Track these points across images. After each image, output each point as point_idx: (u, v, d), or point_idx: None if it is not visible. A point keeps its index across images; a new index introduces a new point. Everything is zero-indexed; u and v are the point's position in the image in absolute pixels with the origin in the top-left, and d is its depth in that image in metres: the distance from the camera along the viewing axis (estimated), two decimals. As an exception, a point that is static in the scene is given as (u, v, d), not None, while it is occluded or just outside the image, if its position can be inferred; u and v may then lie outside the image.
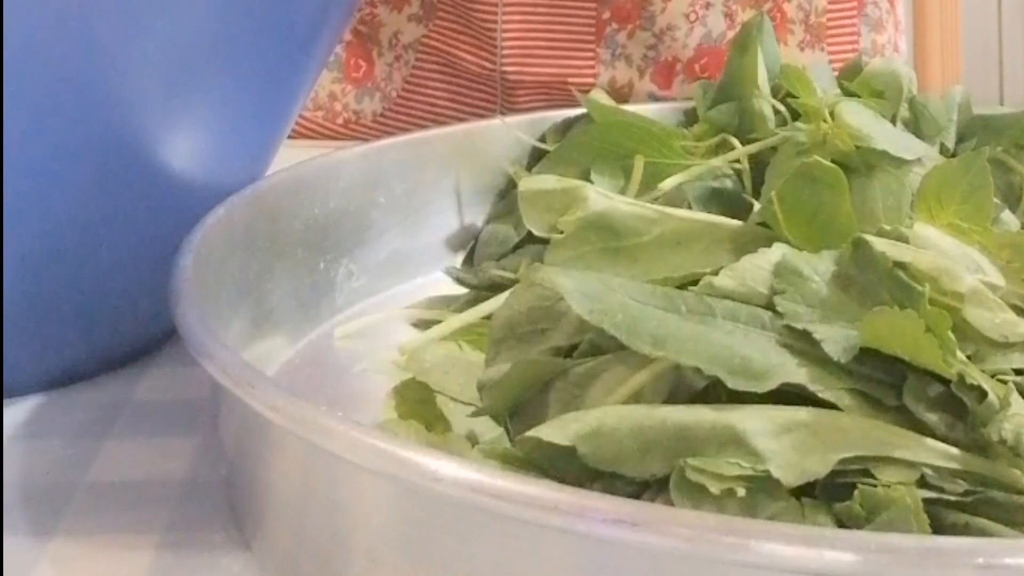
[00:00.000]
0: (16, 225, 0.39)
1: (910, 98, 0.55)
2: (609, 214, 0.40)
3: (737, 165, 0.51)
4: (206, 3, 0.38)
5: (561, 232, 0.40)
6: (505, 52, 0.77)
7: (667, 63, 0.78)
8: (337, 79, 0.81)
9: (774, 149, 0.50)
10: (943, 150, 0.54)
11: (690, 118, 0.60)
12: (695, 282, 0.35)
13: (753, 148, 0.51)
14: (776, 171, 0.48)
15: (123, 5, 0.36)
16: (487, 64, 0.78)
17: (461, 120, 0.77)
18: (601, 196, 0.41)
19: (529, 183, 0.43)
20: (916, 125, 0.55)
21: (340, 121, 0.81)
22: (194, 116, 0.41)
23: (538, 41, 0.77)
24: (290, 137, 0.50)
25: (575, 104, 0.60)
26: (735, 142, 0.52)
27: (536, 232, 0.43)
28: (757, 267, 0.35)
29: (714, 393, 0.32)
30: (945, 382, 0.31)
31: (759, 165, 0.50)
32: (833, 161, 0.41)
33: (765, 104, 0.54)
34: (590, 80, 0.77)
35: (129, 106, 0.38)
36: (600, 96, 0.58)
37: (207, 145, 0.42)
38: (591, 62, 0.77)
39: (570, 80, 0.76)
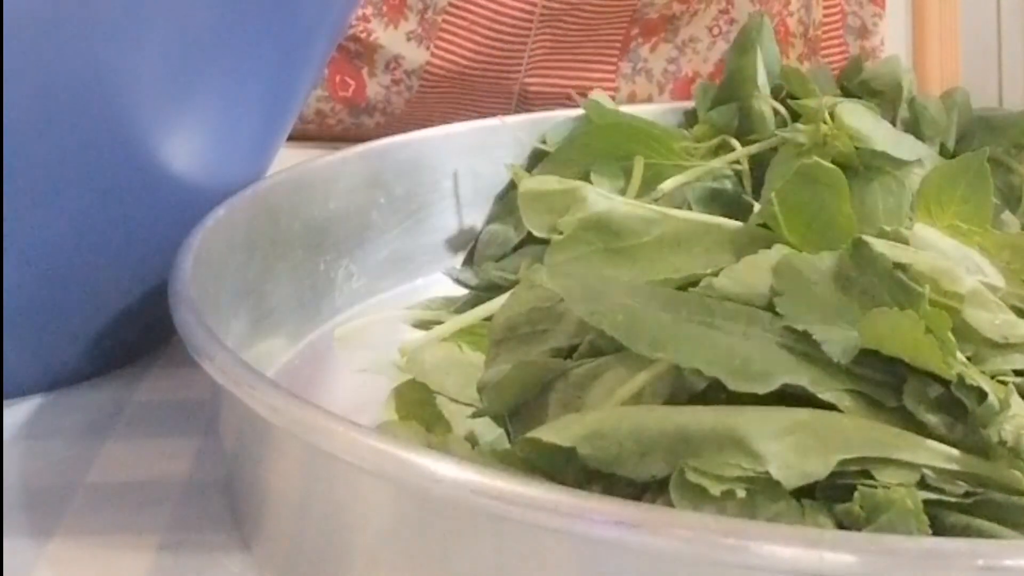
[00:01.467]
0: (16, 225, 0.39)
1: (910, 99, 0.55)
2: (609, 215, 0.40)
3: (737, 166, 0.51)
4: (205, 3, 0.38)
5: (561, 233, 0.40)
6: (531, 66, 0.77)
7: (687, 78, 0.78)
8: (323, 97, 0.79)
9: (774, 150, 0.50)
10: (943, 150, 0.55)
11: (690, 119, 0.60)
12: (695, 283, 0.35)
13: (753, 149, 0.51)
14: (776, 172, 0.48)
15: (122, 5, 0.36)
16: (504, 78, 0.77)
17: None
18: (601, 197, 0.41)
19: (529, 184, 0.43)
20: (916, 126, 0.55)
21: (338, 131, 0.81)
22: (194, 116, 0.41)
23: (564, 56, 0.77)
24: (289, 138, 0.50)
25: (578, 106, 0.60)
26: (735, 143, 0.52)
27: (536, 233, 0.43)
28: (757, 268, 0.35)
29: (714, 394, 0.31)
30: (945, 383, 0.31)
31: (759, 166, 0.50)
32: (833, 162, 0.41)
33: (765, 105, 0.54)
34: (609, 94, 0.77)
35: (128, 106, 0.38)
36: (600, 98, 0.58)
37: (207, 146, 0.42)
38: (611, 75, 0.77)
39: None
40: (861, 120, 0.48)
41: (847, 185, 0.39)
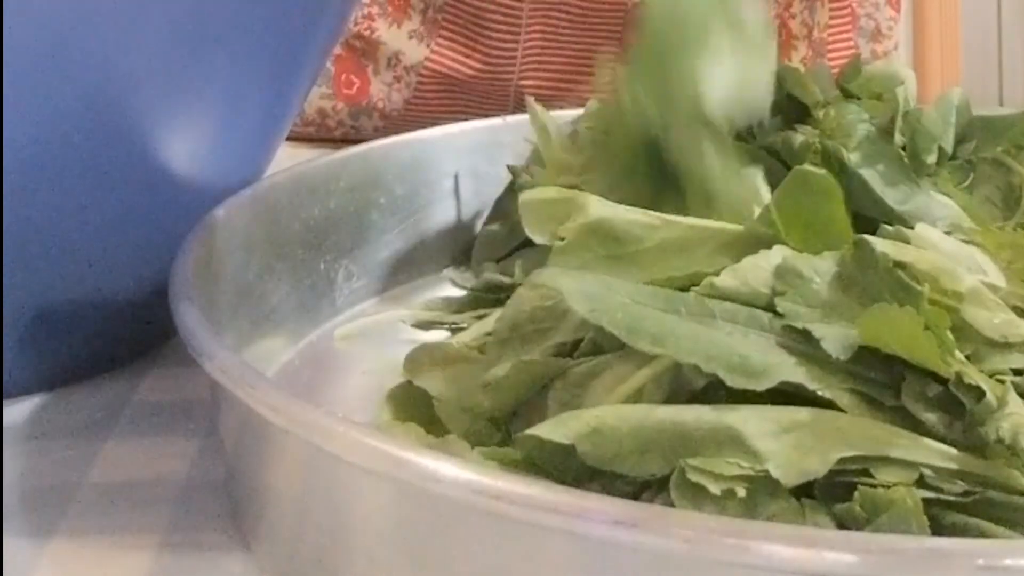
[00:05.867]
0: (16, 225, 0.39)
1: (904, 111, 0.54)
2: (610, 221, 0.40)
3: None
4: (205, 3, 0.38)
5: (562, 239, 0.40)
6: (524, 67, 0.77)
7: None
8: (327, 95, 0.79)
9: (772, 151, 0.50)
10: (941, 153, 0.54)
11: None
12: (696, 283, 0.35)
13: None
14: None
15: (122, 4, 0.36)
16: (499, 79, 0.77)
17: None
18: (602, 203, 0.41)
19: (529, 193, 0.43)
20: (913, 139, 0.54)
21: (338, 135, 0.80)
22: (193, 116, 0.41)
23: (558, 56, 0.77)
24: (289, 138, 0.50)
25: (578, 105, 0.60)
26: None
27: (537, 240, 0.43)
28: (758, 268, 0.35)
29: (714, 393, 0.32)
30: (944, 382, 0.31)
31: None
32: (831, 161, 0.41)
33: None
34: None
35: (128, 106, 0.38)
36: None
37: (207, 145, 0.42)
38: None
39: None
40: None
41: (840, 190, 0.39)
